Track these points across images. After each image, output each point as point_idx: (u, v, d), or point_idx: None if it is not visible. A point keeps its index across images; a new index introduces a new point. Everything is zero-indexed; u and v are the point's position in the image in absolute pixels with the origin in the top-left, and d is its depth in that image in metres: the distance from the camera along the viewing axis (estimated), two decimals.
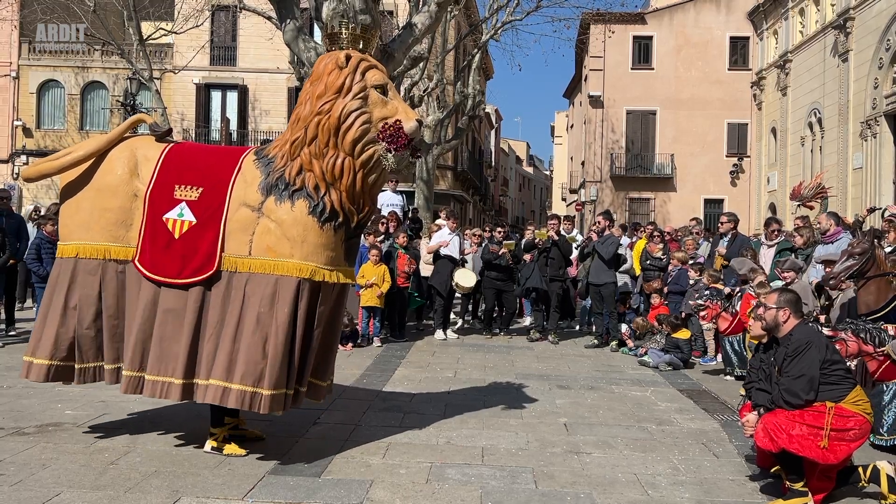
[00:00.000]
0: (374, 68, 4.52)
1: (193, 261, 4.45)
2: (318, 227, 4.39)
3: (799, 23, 28.14)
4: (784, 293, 4.44)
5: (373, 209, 4.66)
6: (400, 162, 4.45)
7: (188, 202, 4.52)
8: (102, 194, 4.65)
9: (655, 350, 8.84)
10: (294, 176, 4.42)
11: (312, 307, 4.46)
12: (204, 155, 4.90)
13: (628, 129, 32.59)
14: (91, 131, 28.84)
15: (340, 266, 4.59)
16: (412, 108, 4.71)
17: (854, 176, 23.25)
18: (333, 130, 4.36)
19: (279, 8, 12.43)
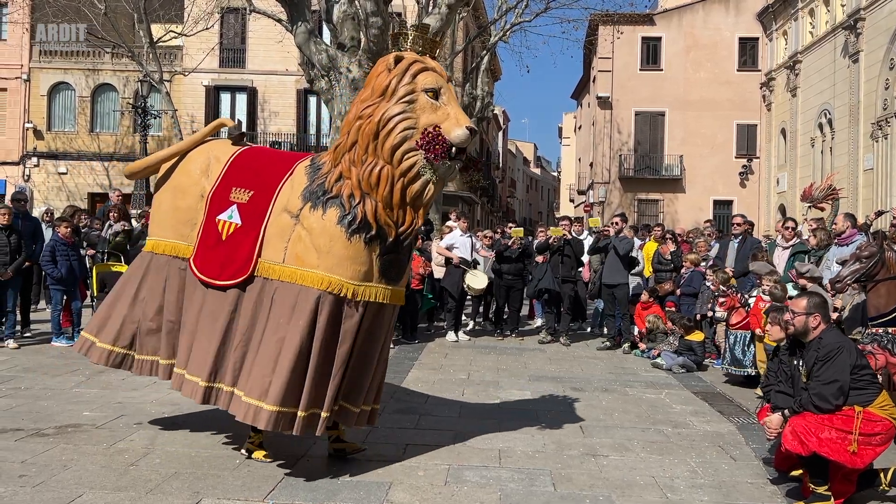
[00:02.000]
0: (428, 70, 4.19)
1: (233, 263, 4.40)
2: (345, 237, 4.13)
3: (809, 23, 28.04)
4: (812, 297, 4.41)
5: (416, 223, 4.25)
6: (444, 172, 4.12)
7: (238, 204, 4.49)
8: (176, 193, 4.78)
9: (668, 352, 8.83)
10: (333, 183, 4.21)
11: (335, 323, 4.18)
12: (266, 159, 4.81)
13: (637, 130, 32.54)
14: (101, 133, 29.01)
15: (374, 282, 4.25)
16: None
17: (865, 177, 23.15)
18: (372, 136, 4.09)
19: (290, 11, 12.48)
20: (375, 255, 4.22)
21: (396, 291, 4.42)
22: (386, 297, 4.32)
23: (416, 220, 4.23)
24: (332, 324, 4.16)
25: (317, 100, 27.17)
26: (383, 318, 4.44)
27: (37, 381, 6.85)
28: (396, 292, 4.42)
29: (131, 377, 7.02)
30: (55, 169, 28.73)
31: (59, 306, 8.91)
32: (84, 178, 28.76)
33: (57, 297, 8.91)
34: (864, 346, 4.80)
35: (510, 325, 11.16)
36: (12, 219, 8.69)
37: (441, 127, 4.05)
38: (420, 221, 4.27)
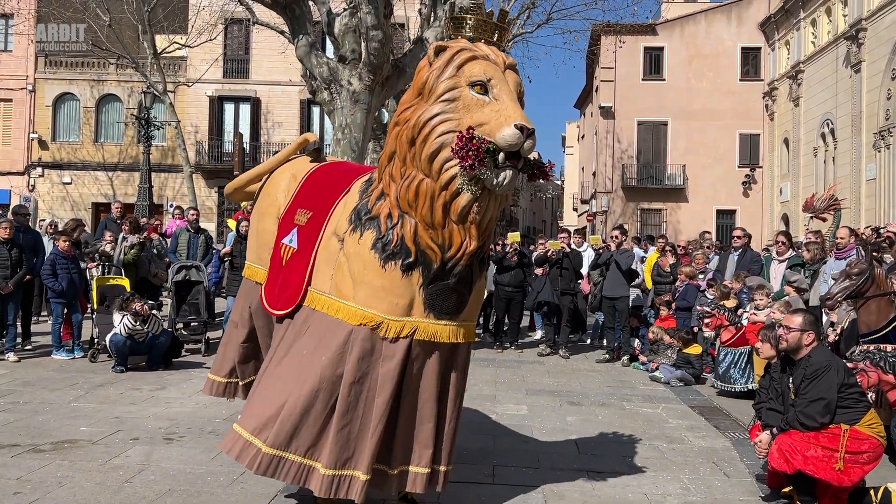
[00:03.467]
0: (477, 60, 3.46)
1: (286, 292, 3.96)
2: (378, 265, 3.54)
3: (811, 33, 28.08)
4: (807, 315, 4.43)
5: (469, 245, 3.52)
6: (494, 184, 3.36)
7: (298, 227, 4.05)
8: (258, 216, 4.54)
9: (667, 365, 8.83)
10: (374, 201, 3.65)
11: (368, 366, 3.56)
12: (333, 175, 4.27)
13: (639, 139, 32.57)
14: (106, 143, 29.18)
15: (418, 317, 3.59)
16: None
17: (867, 187, 23.13)
18: (409, 143, 3.48)
19: (291, 23, 12.56)
20: (418, 284, 3.57)
21: (454, 328, 3.67)
22: (437, 335, 3.61)
23: (467, 241, 3.50)
24: (364, 366, 3.56)
25: (320, 110, 27.29)
26: (441, 361, 3.70)
27: (36, 395, 6.89)
28: (454, 329, 3.67)
29: (130, 391, 7.10)
30: (59, 179, 28.89)
31: (59, 319, 8.96)
32: (88, 188, 28.91)
33: (58, 311, 8.96)
34: (855, 363, 4.81)
35: (510, 338, 11.17)
36: (13, 232, 8.75)
37: (482, 127, 3.32)
38: (474, 243, 3.52)
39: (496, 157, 3.28)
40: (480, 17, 3.64)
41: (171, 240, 10.92)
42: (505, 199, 3.64)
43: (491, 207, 3.52)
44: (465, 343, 3.79)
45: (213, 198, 29.05)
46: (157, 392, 7.13)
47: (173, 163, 28.01)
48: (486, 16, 3.67)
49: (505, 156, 3.30)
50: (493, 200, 3.50)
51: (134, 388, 7.28)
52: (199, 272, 9.99)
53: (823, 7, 26.69)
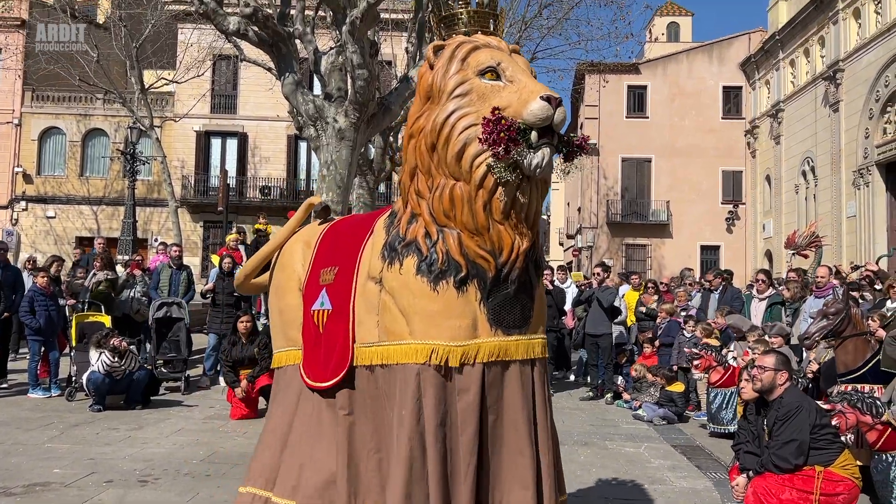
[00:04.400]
0: (480, 48, 3.20)
1: (332, 357, 3.51)
2: (428, 289, 3.16)
3: (790, 73, 28.66)
4: (780, 355, 4.46)
5: (520, 244, 3.16)
6: (532, 168, 3.00)
7: (327, 287, 3.64)
8: (278, 294, 4.05)
9: (650, 404, 8.81)
10: (406, 226, 3.29)
11: (443, 405, 3.13)
12: (349, 226, 3.94)
13: (624, 176, 32.92)
14: (91, 177, 29.13)
15: (486, 337, 3.19)
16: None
17: (848, 224, 23.43)
18: (430, 151, 3.16)
19: (278, 61, 12.68)
20: (477, 300, 3.18)
21: (526, 342, 3.24)
22: (510, 352, 3.20)
23: (518, 240, 3.14)
24: (442, 406, 3.12)
25: (307, 146, 27.43)
26: (521, 382, 3.25)
27: (9, 435, 6.77)
28: (526, 343, 3.24)
29: (106, 431, 7.00)
30: (43, 213, 28.77)
31: (36, 357, 8.85)
32: (72, 221, 28.78)
33: (35, 348, 8.85)
34: (833, 405, 4.82)
35: None
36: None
37: (505, 111, 3.00)
38: (526, 242, 3.17)
39: (528, 136, 2.96)
40: (471, 8, 3.39)
41: (153, 276, 10.86)
42: (546, 188, 3.25)
43: (534, 197, 3.16)
44: (542, 360, 3.33)
45: (198, 232, 28.98)
46: (134, 432, 7.03)
47: (159, 197, 27.97)
48: (479, 5, 3.40)
49: (537, 134, 2.97)
50: (534, 189, 3.15)
51: (110, 427, 7.17)
52: (181, 309, 9.93)
53: (802, 48, 27.29)
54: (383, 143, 17.28)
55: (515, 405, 3.21)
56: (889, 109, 21.62)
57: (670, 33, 36.43)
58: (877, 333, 5.68)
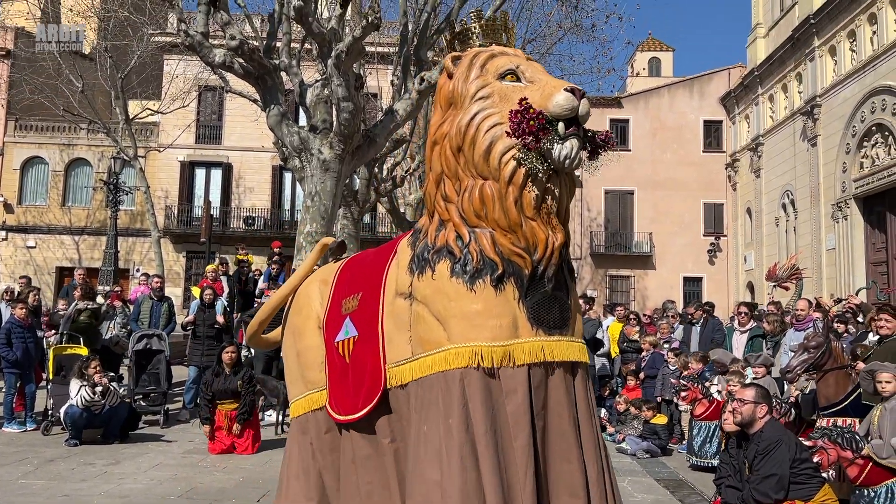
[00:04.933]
0: (497, 56, 3.26)
1: (364, 384, 3.39)
2: (465, 289, 3.06)
3: (769, 108, 29.17)
4: (759, 388, 4.49)
5: (555, 240, 3.11)
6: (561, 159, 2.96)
7: (351, 315, 3.55)
8: (295, 337, 3.92)
9: (633, 437, 8.79)
10: (434, 235, 3.23)
11: (491, 410, 2.99)
12: (368, 254, 3.89)
13: (607, 208, 33.20)
14: (73, 207, 28.93)
15: (528, 337, 3.08)
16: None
17: (828, 257, 23.69)
18: (456, 153, 3.15)
19: (263, 94, 12.75)
20: (515, 299, 3.09)
21: (567, 344, 3.15)
22: (554, 352, 3.09)
23: (551, 236, 3.09)
24: (490, 410, 2.98)
25: (292, 177, 27.46)
26: (566, 385, 3.14)
27: None
28: (567, 346, 3.14)
29: (82, 466, 6.87)
30: (24, 243, 28.49)
31: (12, 390, 8.71)
32: (53, 252, 28.52)
33: (10, 381, 8.71)
34: (814, 441, 4.84)
35: None
36: None
37: (531, 101, 3.01)
38: (560, 237, 3.12)
39: (556, 126, 2.95)
40: (484, 23, 3.47)
41: (133, 307, 10.76)
42: (574, 186, 3.24)
43: (564, 192, 3.13)
44: (584, 364, 3.24)
45: (180, 262, 28.80)
46: (111, 467, 6.90)
47: (142, 227, 27.82)
48: (489, 20, 3.49)
49: (564, 126, 2.96)
50: (563, 184, 3.12)
51: (87, 462, 7.04)
52: (161, 341, 9.81)
53: (780, 84, 27.81)
54: (368, 174, 17.36)
55: (560, 410, 3.10)
56: (865, 144, 22.03)
57: (651, 68, 37.04)
58: (857, 366, 5.72)
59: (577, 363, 3.18)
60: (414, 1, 14.93)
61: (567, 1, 17.40)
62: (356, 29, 11.01)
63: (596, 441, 3.16)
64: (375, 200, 18.38)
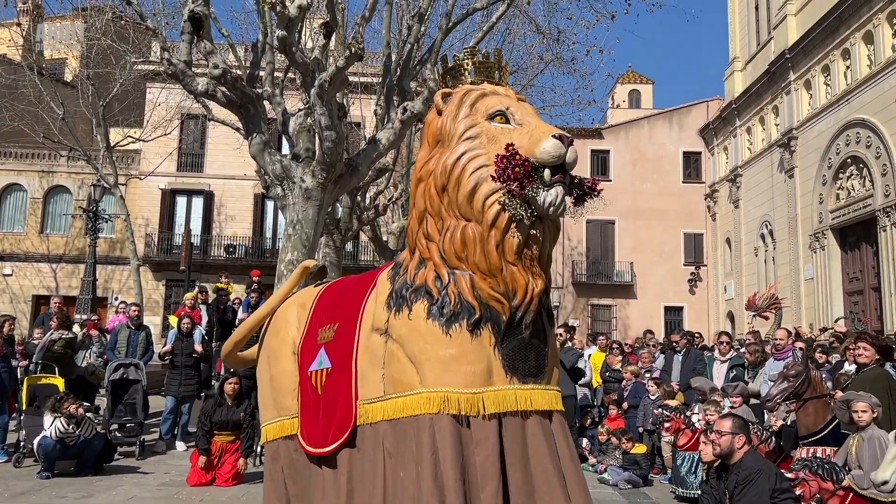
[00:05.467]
0: (488, 95, 3.22)
1: (334, 418, 3.33)
2: (440, 333, 3.00)
3: (747, 140, 29.65)
4: (737, 419, 4.50)
5: (535, 286, 3.06)
6: (546, 206, 2.96)
7: (326, 346, 3.48)
8: (270, 361, 3.83)
9: (615, 467, 8.75)
10: (414, 272, 3.18)
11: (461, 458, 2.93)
12: (348, 282, 3.82)
13: (588, 237, 33.41)
14: (52, 235, 28.64)
15: (501, 385, 3.03)
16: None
17: (806, 286, 23.94)
18: (440, 192, 3.10)
19: (246, 122, 12.76)
20: (491, 345, 3.04)
21: (541, 392, 3.09)
22: (527, 402, 3.03)
23: (531, 282, 3.05)
24: (460, 459, 2.92)
25: (274, 205, 27.42)
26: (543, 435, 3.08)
27: None
28: (541, 394, 3.09)
29: (54, 500, 6.71)
30: (0, 271, 28.10)
31: None
32: (30, 279, 28.14)
33: None
34: (795, 472, 4.84)
35: None
36: None
37: (518, 147, 2.98)
38: (540, 283, 3.08)
39: (542, 173, 2.93)
40: (477, 60, 3.41)
41: (110, 336, 10.61)
42: (557, 230, 3.22)
43: (547, 238, 3.12)
44: (560, 412, 3.17)
45: (160, 291, 28.52)
46: (84, 500, 6.75)
47: (121, 255, 27.58)
48: (484, 57, 3.44)
49: (550, 172, 2.95)
50: (546, 230, 3.11)
51: (59, 495, 6.88)
52: (138, 370, 9.67)
53: (757, 116, 28.32)
54: (351, 202, 17.37)
55: (542, 458, 3.02)
56: (841, 176, 22.41)
57: (631, 100, 37.59)
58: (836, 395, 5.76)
59: (552, 411, 3.13)
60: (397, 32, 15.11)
61: (548, 34, 17.65)
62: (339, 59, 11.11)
63: (584, 487, 3.09)
64: (358, 229, 18.37)
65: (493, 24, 14.72)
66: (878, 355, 6.03)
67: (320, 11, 15.56)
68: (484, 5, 14.39)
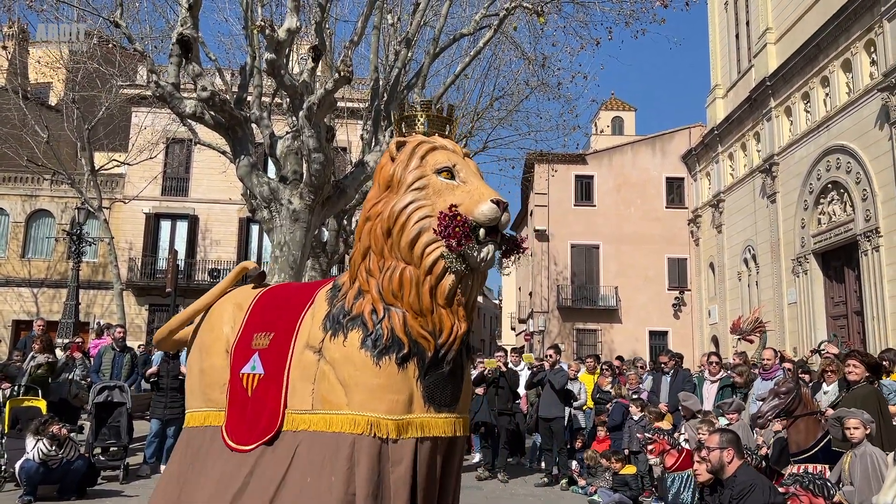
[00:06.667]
0: (437, 149, 3.55)
1: (259, 422, 3.60)
2: (371, 363, 3.34)
3: (729, 166, 30.02)
4: (725, 433, 4.51)
5: (458, 328, 3.43)
6: (477, 262, 3.32)
7: (260, 351, 3.74)
8: (203, 354, 4.07)
9: (605, 489, 8.71)
10: (352, 301, 3.49)
11: (375, 476, 3.26)
12: (287, 292, 4.09)
13: (573, 262, 33.57)
14: (33, 259, 28.34)
15: (420, 413, 3.40)
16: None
17: (790, 310, 24.13)
18: (385, 235, 3.42)
19: (233, 144, 12.77)
20: (415, 377, 3.39)
21: (454, 421, 3.47)
22: (441, 430, 3.41)
23: (456, 324, 3.41)
24: (375, 476, 3.25)
25: (259, 228, 27.34)
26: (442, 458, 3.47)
27: None
28: (454, 422, 3.47)
29: None
30: None
31: None
32: (10, 304, 27.77)
33: None
34: (787, 487, 4.84)
35: None
36: None
37: (460, 206, 3.34)
38: (464, 325, 3.45)
39: (477, 233, 3.30)
40: (431, 113, 3.75)
41: (95, 359, 10.47)
42: (484, 279, 3.57)
43: (475, 287, 3.47)
44: (462, 438, 3.58)
45: (142, 315, 28.25)
46: None
47: (104, 279, 27.32)
48: (437, 111, 3.79)
49: (485, 231, 3.31)
50: (475, 280, 3.46)
51: None
52: (123, 393, 9.53)
53: (739, 142, 28.72)
54: (337, 225, 17.37)
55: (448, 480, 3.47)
56: (822, 201, 22.72)
57: (615, 127, 38.03)
58: (827, 412, 5.79)
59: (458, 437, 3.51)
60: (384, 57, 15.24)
61: (534, 60, 17.87)
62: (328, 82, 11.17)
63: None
64: (344, 252, 18.35)
65: (479, 50, 14.90)
66: (868, 372, 6.07)
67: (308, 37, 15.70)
68: (471, 31, 14.58)
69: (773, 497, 4.14)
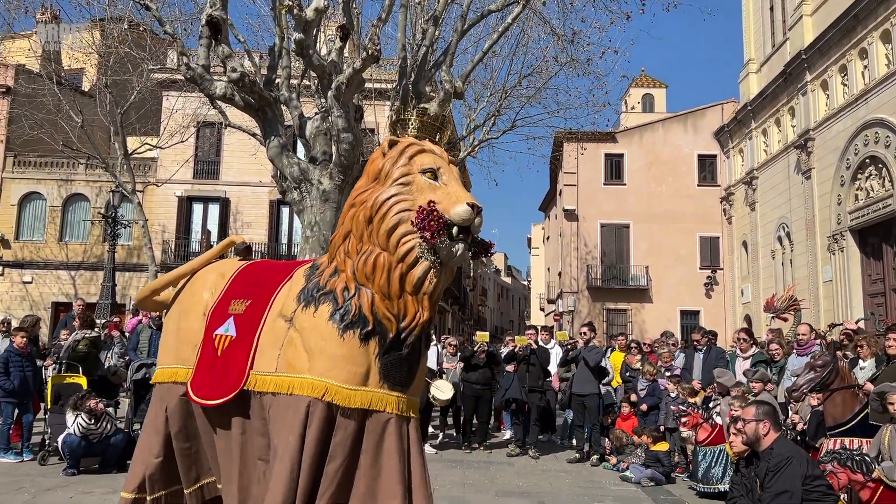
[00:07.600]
0: (425, 152, 3.81)
1: (227, 379, 3.91)
2: (337, 335, 3.62)
3: (763, 142, 29.47)
4: (761, 405, 4.47)
5: (421, 316, 3.68)
6: (447, 256, 3.58)
7: (235, 316, 4.06)
8: (181, 315, 4.37)
9: (637, 465, 8.70)
10: (327, 279, 3.76)
11: (325, 437, 3.58)
12: (270, 268, 4.38)
13: (602, 241, 33.31)
14: (70, 242, 28.91)
15: (373, 387, 3.66)
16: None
17: (825, 288, 23.72)
18: (366, 222, 3.67)
19: (263, 126, 12.85)
20: (374, 354, 3.66)
21: (404, 400, 3.73)
22: (388, 406, 3.67)
23: (420, 312, 3.65)
24: (323, 437, 3.58)
25: (289, 210, 27.57)
26: (397, 436, 3.69)
27: None
28: (404, 401, 3.73)
29: (80, 495, 6.77)
30: (20, 278, 28.38)
31: (9, 420, 8.59)
32: (49, 287, 28.40)
33: (7, 411, 8.60)
34: (824, 465, 4.79)
35: (478, 437, 10.95)
36: None
37: (438, 204, 3.59)
38: (426, 314, 3.68)
39: (451, 230, 3.53)
40: (423, 119, 4.02)
41: (131, 337, 10.68)
42: (452, 274, 3.79)
43: (442, 280, 3.69)
44: (415, 420, 3.81)
45: None
46: (109, 496, 6.79)
47: (139, 262, 27.77)
48: (430, 119, 4.05)
49: (458, 231, 3.55)
50: (444, 273, 3.68)
51: (85, 491, 6.93)
52: None
53: (773, 118, 28.16)
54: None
55: (392, 453, 3.64)
56: (860, 176, 22.23)
57: (645, 104, 37.52)
58: (865, 386, 5.70)
59: (409, 418, 3.74)
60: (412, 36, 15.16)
61: (563, 36, 17.64)
62: (356, 61, 11.16)
63: (426, 483, 3.70)
64: None
65: (507, 26, 14.74)
66: None
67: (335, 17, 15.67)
68: (499, 7, 14.43)
69: (810, 469, 4.09)
